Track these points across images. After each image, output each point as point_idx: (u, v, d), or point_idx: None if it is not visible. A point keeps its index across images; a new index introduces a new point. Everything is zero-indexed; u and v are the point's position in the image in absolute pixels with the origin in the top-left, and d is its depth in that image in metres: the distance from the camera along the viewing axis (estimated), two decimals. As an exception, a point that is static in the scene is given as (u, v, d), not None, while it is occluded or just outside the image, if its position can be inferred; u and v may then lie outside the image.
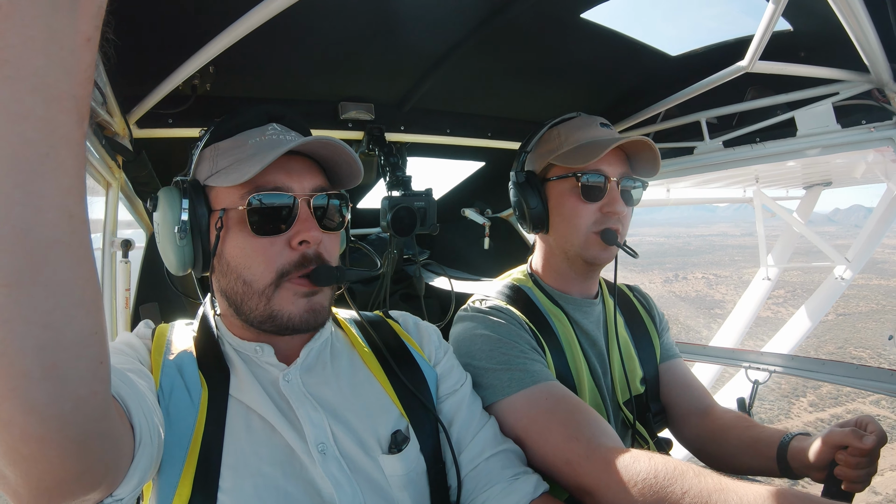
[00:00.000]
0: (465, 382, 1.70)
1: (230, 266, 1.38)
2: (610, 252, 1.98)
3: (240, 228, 1.36)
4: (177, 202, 1.39)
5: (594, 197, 1.94)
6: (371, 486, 1.37)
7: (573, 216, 1.97)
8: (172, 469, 1.24)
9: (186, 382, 1.37)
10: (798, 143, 2.83)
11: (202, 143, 1.48)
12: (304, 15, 1.68)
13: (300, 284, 1.37)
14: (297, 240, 1.36)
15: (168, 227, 1.38)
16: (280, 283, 1.36)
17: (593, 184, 1.94)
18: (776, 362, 3.21)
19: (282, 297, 1.36)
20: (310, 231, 1.37)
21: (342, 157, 1.45)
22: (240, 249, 1.36)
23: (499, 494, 1.51)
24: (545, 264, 2.15)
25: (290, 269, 1.36)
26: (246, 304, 1.38)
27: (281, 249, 1.36)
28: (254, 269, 1.36)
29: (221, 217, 1.36)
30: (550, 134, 2.09)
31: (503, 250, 3.90)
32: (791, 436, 1.79)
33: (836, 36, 2.02)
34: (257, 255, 1.35)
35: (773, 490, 1.24)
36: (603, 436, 1.57)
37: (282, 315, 1.37)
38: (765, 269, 7.52)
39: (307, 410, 1.39)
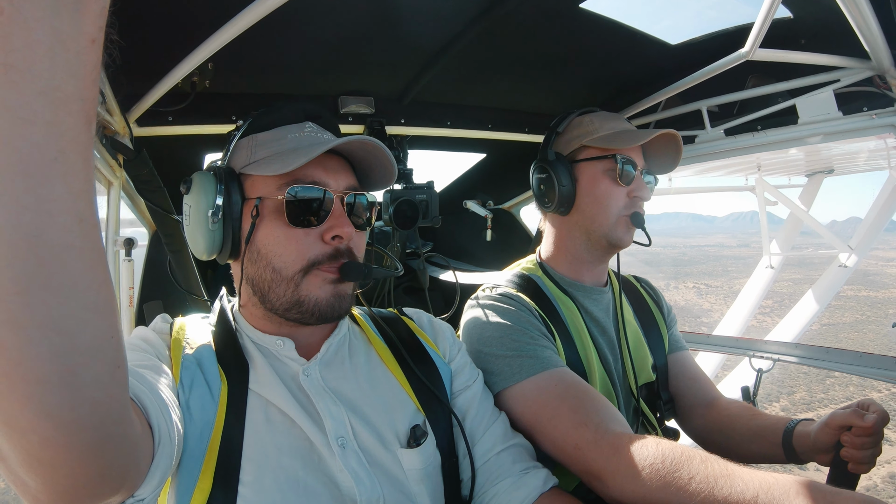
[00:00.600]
0: (478, 378, 1.73)
1: (261, 253, 1.42)
2: (631, 235, 2.05)
3: (275, 217, 1.40)
4: (212, 187, 1.41)
5: (627, 181, 2.01)
6: (389, 479, 1.39)
7: (606, 197, 2.02)
8: (193, 463, 1.26)
9: (206, 377, 1.39)
10: (799, 131, 2.83)
11: (239, 133, 1.51)
12: (302, 9, 1.68)
13: (330, 272, 1.41)
14: (331, 234, 1.41)
15: (201, 210, 1.40)
16: (310, 270, 1.40)
17: (628, 169, 2.00)
18: (780, 350, 3.21)
19: (310, 282, 1.40)
20: (343, 227, 1.42)
21: (378, 159, 1.50)
22: (273, 238, 1.40)
23: (509, 488, 1.53)
24: (558, 250, 2.17)
25: (322, 260, 1.41)
26: (273, 292, 1.42)
27: (314, 241, 1.41)
28: (285, 257, 1.40)
29: (257, 205, 1.40)
30: (581, 120, 2.14)
31: (505, 242, 3.90)
32: (795, 422, 1.81)
33: (836, 23, 2.01)
34: (290, 244, 1.40)
35: (778, 476, 1.25)
36: (612, 421, 1.59)
37: (309, 300, 1.40)
38: (767, 258, 7.51)
39: (327, 404, 1.41)
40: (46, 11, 0.54)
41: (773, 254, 7.51)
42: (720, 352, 3.81)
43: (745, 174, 6.77)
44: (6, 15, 0.51)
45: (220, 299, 1.61)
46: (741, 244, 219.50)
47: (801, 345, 3.17)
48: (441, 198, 2.75)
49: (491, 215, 3.74)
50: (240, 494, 1.25)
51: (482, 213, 3.76)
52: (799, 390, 37.97)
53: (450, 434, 1.57)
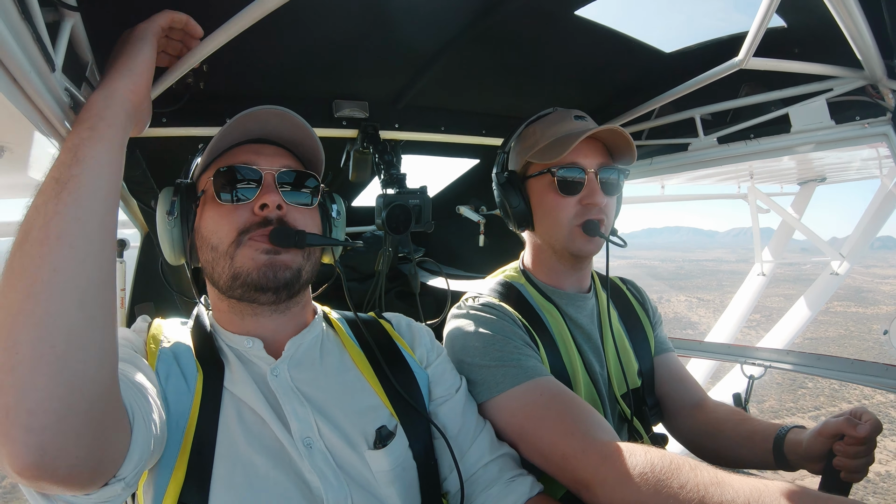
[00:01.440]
0: (461, 387, 1.73)
1: (203, 237, 1.48)
2: (595, 243, 2.00)
3: (210, 202, 1.48)
4: (169, 197, 1.50)
5: (572, 190, 1.96)
6: (357, 481, 1.40)
7: (554, 211, 1.99)
8: (169, 453, 1.29)
9: (182, 369, 1.42)
10: (792, 140, 2.84)
11: (200, 153, 1.59)
12: (297, 13, 1.68)
13: (260, 240, 1.43)
14: (259, 203, 1.44)
15: (163, 219, 1.48)
16: (241, 240, 1.43)
17: (570, 177, 1.96)
18: (772, 357, 3.22)
19: (243, 254, 1.43)
20: (269, 195, 1.45)
21: (300, 132, 1.56)
22: (209, 219, 1.47)
23: (496, 495, 1.54)
24: (535, 261, 2.16)
25: (250, 227, 1.44)
26: (216, 271, 1.47)
27: (244, 213, 1.45)
28: (219, 233, 1.45)
29: (199, 198, 1.49)
30: (527, 132, 2.12)
31: (498, 247, 3.89)
32: (787, 428, 1.81)
33: (829, 32, 2.02)
34: (221, 220, 1.45)
35: (768, 482, 1.25)
36: (599, 430, 1.58)
37: (242, 271, 1.43)
38: (759, 265, 7.54)
39: (294, 405, 1.43)
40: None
41: (764, 261, 7.54)
42: (712, 358, 3.82)
43: (738, 182, 6.81)
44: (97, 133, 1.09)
45: (199, 306, 1.67)
46: (740, 259, 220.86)
47: (793, 352, 3.18)
48: (434, 203, 2.75)
49: (484, 221, 3.74)
50: (212, 490, 1.27)
51: (475, 219, 3.76)
52: (769, 399, 38.15)
53: (427, 440, 1.57)
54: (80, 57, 1.52)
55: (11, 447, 0.85)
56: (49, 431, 0.87)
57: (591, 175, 1.96)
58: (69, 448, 0.90)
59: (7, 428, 0.85)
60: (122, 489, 1.07)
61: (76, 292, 0.93)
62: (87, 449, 0.93)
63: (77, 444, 0.91)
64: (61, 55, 1.27)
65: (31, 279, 0.91)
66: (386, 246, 2.69)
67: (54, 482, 0.91)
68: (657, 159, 3.36)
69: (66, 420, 0.89)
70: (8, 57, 0.99)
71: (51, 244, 0.93)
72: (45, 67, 1.15)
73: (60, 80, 1.27)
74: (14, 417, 0.86)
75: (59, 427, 0.88)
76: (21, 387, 0.86)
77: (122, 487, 1.06)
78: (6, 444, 0.86)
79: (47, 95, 1.20)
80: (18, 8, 1.00)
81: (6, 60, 1.00)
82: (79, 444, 0.91)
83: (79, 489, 0.98)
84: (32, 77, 1.09)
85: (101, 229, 1.01)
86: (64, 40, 1.30)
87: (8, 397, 0.86)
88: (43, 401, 0.87)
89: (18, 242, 0.95)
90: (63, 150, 1.05)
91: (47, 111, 1.24)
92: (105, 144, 1.10)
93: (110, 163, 1.09)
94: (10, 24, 0.97)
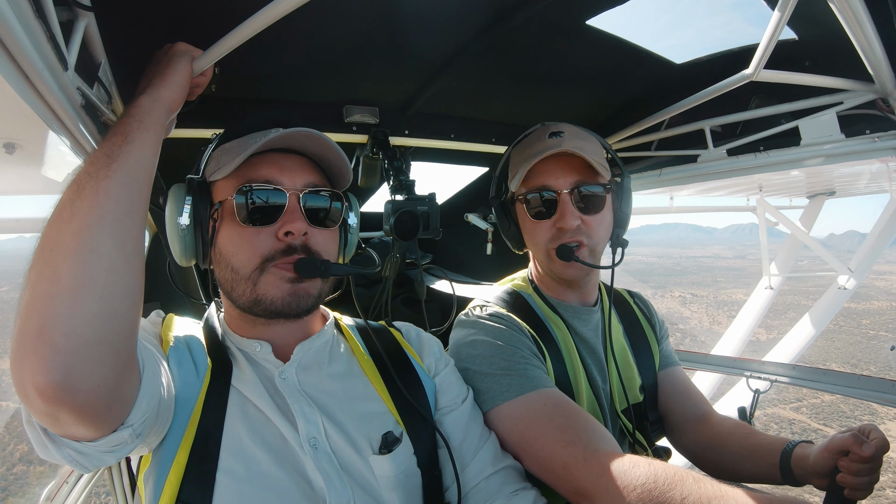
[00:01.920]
0: (467, 398, 1.73)
1: (222, 254, 1.48)
2: (574, 267, 1.96)
3: (230, 218, 1.46)
4: (182, 197, 1.48)
5: (544, 215, 1.96)
6: (361, 484, 1.41)
7: (531, 236, 2.02)
8: (173, 435, 1.33)
9: (194, 357, 1.47)
10: (802, 153, 2.83)
11: (213, 145, 1.59)
12: (309, 18, 1.68)
13: (285, 269, 1.44)
14: (283, 231, 1.44)
15: (174, 220, 1.47)
16: (265, 267, 1.44)
17: (540, 202, 1.96)
18: (778, 371, 3.20)
19: (266, 281, 1.44)
20: (294, 222, 1.45)
21: (328, 152, 1.55)
22: (229, 238, 1.46)
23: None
24: (538, 275, 2.16)
25: (275, 255, 1.44)
26: (234, 291, 1.47)
27: (267, 239, 1.45)
28: (241, 256, 1.45)
29: (217, 209, 1.47)
30: (512, 154, 2.14)
31: (506, 256, 3.88)
32: (794, 443, 1.79)
33: (840, 45, 2.02)
34: (244, 244, 1.45)
35: (771, 497, 1.24)
36: (601, 441, 1.57)
37: (265, 299, 1.44)
38: (767, 279, 7.51)
39: (301, 406, 1.44)
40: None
41: (772, 275, 7.51)
42: (717, 371, 3.80)
43: (747, 194, 6.78)
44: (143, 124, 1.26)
45: (209, 306, 1.69)
46: (737, 255, 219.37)
47: (798, 366, 3.17)
48: (442, 210, 2.75)
49: (492, 229, 3.74)
50: (217, 481, 1.29)
51: (483, 227, 3.76)
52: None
53: (432, 448, 1.57)
54: (93, 57, 1.53)
55: (40, 363, 0.94)
56: (77, 355, 0.96)
57: (565, 196, 1.92)
58: (93, 374, 0.99)
59: (38, 346, 0.95)
60: (129, 437, 1.14)
61: (117, 238, 1.07)
62: (106, 378, 1.02)
63: (100, 372, 1.00)
64: (74, 54, 1.28)
65: (79, 223, 1.03)
66: (393, 252, 2.69)
67: (71, 407, 0.98)
68: (666, 171, 3.35)
69: (94, 347, 0.99)
70: (21, 55, 1.00)
71: (100, 198, 1.07)
72: (58, 66, 1.16)
73: (73, 80, 1.28)
74: (47, 338, 0.95)
75: (86, 352, 0.98)
76: (58, 311, 0.96)
77: (130, 435, 1.14)
78: (35, 360, 0.94)
79: (60, 94, 1.21)
80: (33, 7, 1.01)
81: (20, 58, 1.01)
82: (101, 373, 1.00)
83: (91, 423, 1.05)
84: (45, 75, 1.11)
85: (139, 197, 1.17)
86: (77, 40, 1.31)
87: (43, 320, 0.96)
88: (77, 326, 0.97)
89: (68, 198, 1.07)
90: (113, 134, 1.21)
91: (59, 110, 1.26)
92: (150, 135, 1.25)
93: (152, 148, 1.26)
94: (24, 22, 0.98)
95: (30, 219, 2.28)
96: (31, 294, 0.98)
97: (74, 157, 1.58)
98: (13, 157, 1.62)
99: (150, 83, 1.39)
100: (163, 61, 1.46)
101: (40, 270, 1.00)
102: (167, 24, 1.79)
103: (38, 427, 1.08)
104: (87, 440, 1.09)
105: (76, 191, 1.07)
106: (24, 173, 1.92)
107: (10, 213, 2.40)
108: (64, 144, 1.46)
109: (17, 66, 1.04)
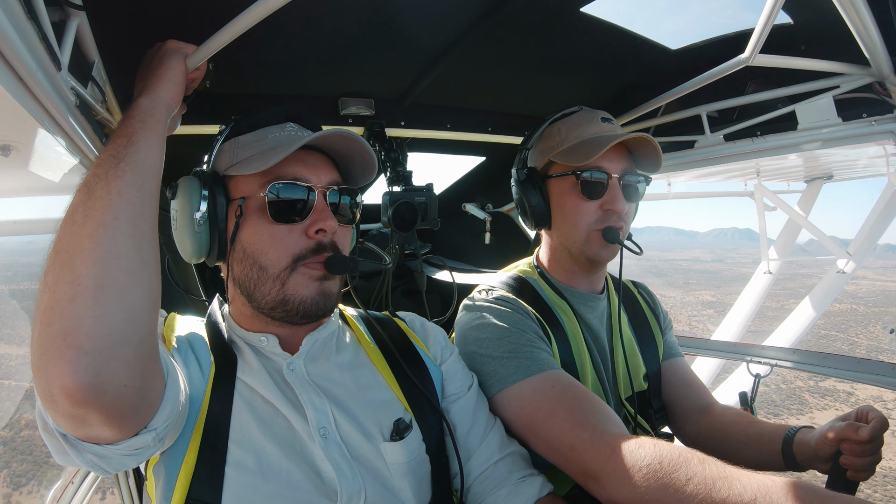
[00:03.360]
0: (472, 385, 1.74)
1: (246, 252, 1.45)
2: (612, 250, 1.98)
3: (259, 215, 1.44)
4: (196, 190, 1.44)
5: (595, 194, 1.94)
6: (371, 472, 1.41)
7: (574, 214, 1.97)
8: (183, 434, 1.33)
9: (197, 356, 1.46)
10: (799, 137, 2.83)
11: (222, 137, 1.56)
12: (303, 10, 1.68)
13: (315, 268, 1.44)
14: (314, 228, 1.44)
15: (187, 214, 1.44)
16: (296, 266, 1.43)
17: (594, 181, 1.94)
18: (778, 356, 3.21)
19: (296, 280, 1.43)
20: (326, 220, 1.44)
21: (357, 152, 1.54)
22: (258, 235, 1.44)
23: (506, 497, 1.55)
24: (551, 259, 2.15)
25: (306, 254, 1.44)
26: (259, 290, 1.45)
27: (298, 237, 1.44)
28: (270, 254, 1.43)
29: (241, 205, 1.44)
30: (551, 130, 2.09)
31: (504, 245, 3.90)
32: (795, 429, 1.81)
33: (836, 29, 2.01)
34: (275, 241, 1.43)
35: (776, 478, 1.25)
36: (608, 423, 1.58)
37: (294, 299, 1.43)
38: (766, 263, 7.52)
39: (310, 396, 1.44)
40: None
41: (771, 259, 7.52)
42: (718, 356, 3.81)
43: (744, 180, 6.77)
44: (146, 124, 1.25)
45: (212, 303, 1.68)
46: (716, 259, 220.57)
47: (799, 350, 3.18)
48: (440, 200, 2.75)
49: (490, 218, 3.74)
50: (226, 474, 1.30)
51: (481, 217, 3.76)
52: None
53: (439, 433, 1.58)
54: (85, 56, 1.53)
55: (66, 367, 0.94)
56: (103, 356, 0.97)
57: (615, 181, 1.95)
58: (120, 374, 0.99)
59: (63, 350, 0.94)
60: (152, 441, 1.15)
61: (134, 238, 1.07)
62: (133, 379, 1.03)
63: (127, 373, 1.01)
64: (67, 54, 1.28)
65: (94, 224, 1.03)
66: (392, 243, 2.70)
67: (100, 408, 0.98)
68: (664, 157, 3.30)
69: (120, 347, 0.99)
70: (14, 56, 1.00)
71: (112, 199, 1.07)
72: (50, 66, 1.16)
73: (66, 79, 1.28)
74: (71, 340, 0.95)
75: (112, 352, 0.98)
76: (81, 314, 0.97)
77: (153, 439, 1.14)
78: (61, 364, 0.94)
79: (53, 94, 1.21)
80: (24, 7, 1.00)
81: (12, 59, 1.01)
82: (128, 373, 1.01)
83: (117, 424, 1.06)
84: (38, 76, 1.10)
85: (150, 196, 1.16)
86: (70, 39, 1.31)
87: (67, 322, 0.96)
88: (101, 327, 0.97)
89: (80, 200, 1.07)
90: (117, 136, 1.20)
91: (53, 110, 1.25)
92: (153, 134, 1.24)
93: (157, 148, 1.24)
94: (15, 22, 0.97)
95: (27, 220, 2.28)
96: (52, 298, 0.98)
97: (70, 158, 1.58)
98: (8, 160, 1.62)
99: (147, 84, 1.39)
100: (155, 61, 1.45)
101: (58, 273, 1.00)
102: (159, 21, 1.78)
103: (58, 433, 1.08)
104: (109, 443, 1.09)
105: (87, 193, 1.08)
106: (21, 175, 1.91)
107: (7, 215, 2.40)
108: (59, 145, 1.45)
109: (10, 68, 1.04)
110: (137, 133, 1.21)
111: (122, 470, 1.20)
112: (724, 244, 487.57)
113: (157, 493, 1.31)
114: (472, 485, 1.59)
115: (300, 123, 1.61)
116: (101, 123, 1.67)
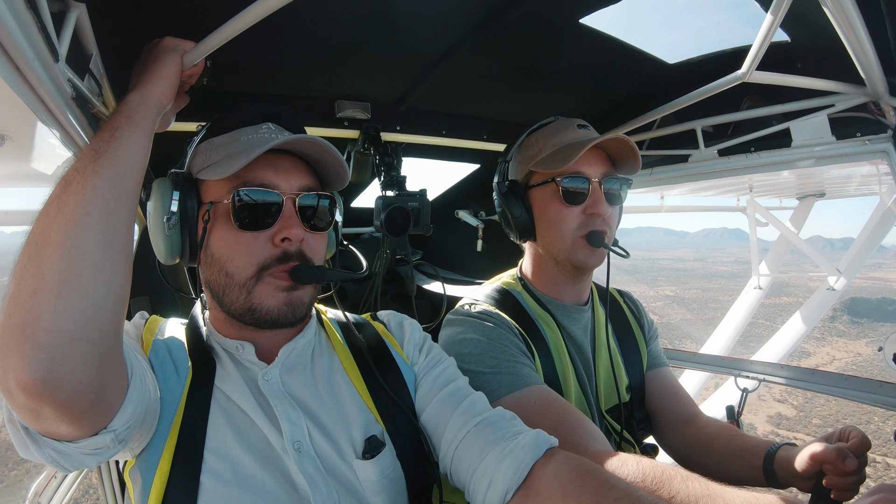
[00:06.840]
0: (445, 369, 1.66)
1: (214, 258, 1.43)
2: (598, 255, 1.98)
3: (225, 221, 1.41)
4: (168, 193, 1.42)
5: (576, 200, 1.95)
6: (346, 487, 1.39)
7: (558, 221, 1.97)
8: (157, 438, 1.31)
9: (175, 360, 1.44)
10: (792, 154, 2.84)
11: (198, 137, 1.53)
12: (301, 12, 1.68)
13: (280, 278, 1.41)
14: (280, 236, 1.41)
15: (158, 216, 1.42)
16: (261, 276, 1.40)
17: (574, 187, 1.95)
18: (766, 371, 3.22)
19: (262, 290, 1.41)
20: (292, 228, 1.42)
21: (329, 158, 1.50)
22: (224, 242, 1.42)
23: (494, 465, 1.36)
24: (535, 270, 2.15)
25: (271, 263, 1.41)
26: (227, 296, 1.43)
27: (263, 244, 1.41)
28: (236, 261, 1.41)
29: (209, 210, 1.42)
30: (529, 140, 2.11)
31: (496, 252, 3.90)
32: (777, 446, 1.80)
33: (833, 48, 2.02)
34: (240, 249, 1.40)
35: (759, 495, 1.25)
36: (591, 439, 1.58)
37: (261, 308, 1.41)
38: (756, 278, 7.55)
39: (285, 408, 1.42)
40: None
41: (761, 275, 7.55)
42: (706, 370, 3.82)
43: (737, 195, 6.81)
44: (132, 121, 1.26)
45: (196, 303, 1.65)
46: (698, 258, 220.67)
47: (787, 366, 3.18)
48: (433, 206, 2.75)
49: (482, 225, 3.74)
50: (202, 484, 1.28)
51: (474, 223, 3.76)
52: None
53: (415, 442, 1.53)
54: (84, 48, 1.52)
55: (21, 360, 0.94)
56: (60, 351, 0.96)
57: (596, 185, 1.95)
58: (76, 371, 0.98)
59: (20, 343, 0.94)
60: (111, 442, 1.12)
61: (103, 235, 1.06)
62: (90, 377, 1.01)
63: (83, 370, 0.99)
64: (65, 46, 1.27)
65: (64, 219, 1.03)
66: (384, 248, 2.69)
67: (54, 403, 0.97)
68: (657, 170, 3.36)
69: (77, 344, 0.98)
70: (12, 46, 1.00)
71: (86, 194, 1.06)
72: (48, 57, 1.15)
73: (63, 71, 1.27)
74: (29, 334, 0.94)
75: (69, 349, 0.97)
76: (41, 308, 0.96)
77: (112, 440, 1.12)
78: (18, 356, 0.94)
79: (50, 85, 1.21)
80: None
81: (10, 49, 1.01)
82: (84, 370, 0.99)
83: (74, 421, 1.04)
84: (36, 66, 1.10)
85: (127, 194, 1.15)
86: (68, 31, 1.30)
87: (26, 315, 0.96)
88: (60, 322, 0.96)
89: (56, 194, 1.07)
90: (102, 131, 1.20)
91: (50, 101, 1.25)
92: (138, 130, 1.24)
93: (141, 144, 1.24)
94: (14, 12, 0.97)
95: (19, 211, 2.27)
96: (15, 289, 0.98)
97: (64, 150, 1.57)
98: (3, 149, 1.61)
99: (140, 79, 1.39)
100: (151, 56, 1.45)
101: (25, 266, 1.00)
102: (159, 16, 1.78)
103: (20, 426, 1.07)
104: (68, 440, 1.08)
105: (64, 186, 1.08)
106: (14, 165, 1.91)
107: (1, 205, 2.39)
108: (54, 137, 1.45)
109: (8, 57, 1.03)
110: (122, 128, 1.21)
111: (81, 469, 1.20)
112: (712, 244, 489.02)
113: (135, 498, 1.30)
114: (450, 469, 1.47)
115: (280, 123, 1.59)
116: (97, 116, 1.66)
